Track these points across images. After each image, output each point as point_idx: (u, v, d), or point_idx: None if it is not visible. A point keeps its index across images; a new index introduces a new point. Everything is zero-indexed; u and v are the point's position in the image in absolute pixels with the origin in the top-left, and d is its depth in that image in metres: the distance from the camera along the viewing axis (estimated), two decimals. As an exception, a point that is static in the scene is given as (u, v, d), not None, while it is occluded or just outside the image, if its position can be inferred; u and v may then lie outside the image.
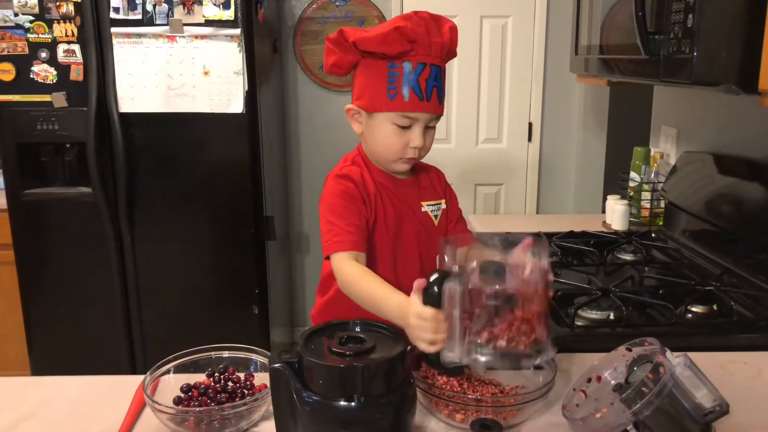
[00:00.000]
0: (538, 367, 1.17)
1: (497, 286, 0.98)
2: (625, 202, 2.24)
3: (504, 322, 0.97)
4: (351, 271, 1.19)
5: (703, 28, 1.25)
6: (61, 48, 2.38)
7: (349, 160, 1.35)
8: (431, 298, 0.98)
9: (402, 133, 1.25)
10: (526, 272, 0.98)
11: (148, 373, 1.15)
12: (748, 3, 1.22)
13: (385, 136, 1.26)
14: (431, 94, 1.23)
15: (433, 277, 0.99)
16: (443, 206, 1.37)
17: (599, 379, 1.06)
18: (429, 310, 0.98)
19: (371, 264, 1.28)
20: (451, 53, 1.28)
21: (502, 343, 0.97)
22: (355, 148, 1.38)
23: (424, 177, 1.39)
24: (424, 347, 1.00)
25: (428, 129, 1.28)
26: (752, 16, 1.20)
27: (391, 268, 1.31)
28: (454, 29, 1.27)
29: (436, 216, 1.36)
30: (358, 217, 1.26)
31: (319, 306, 1.42)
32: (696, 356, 0.97)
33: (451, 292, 0.97)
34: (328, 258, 1.24)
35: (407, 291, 1.08)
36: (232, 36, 2.37)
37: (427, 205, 1.35)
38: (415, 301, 1.00)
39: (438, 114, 1.27)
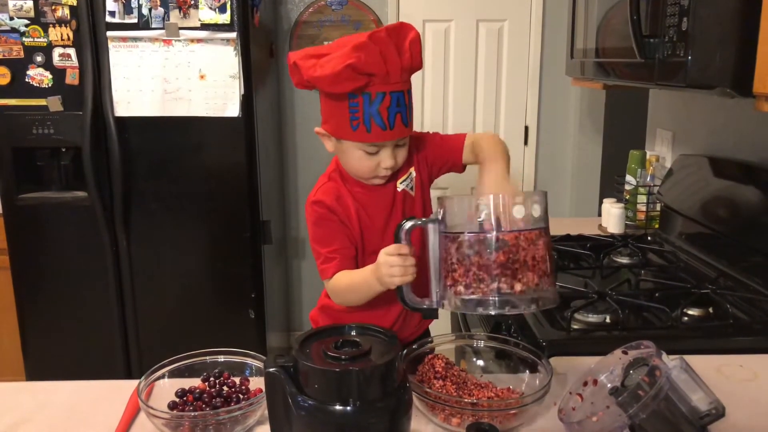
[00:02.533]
0: (533, 371, 1.17)
1: (456, 231, 1.02)
2: (621, 205, 2.25)
3: (461, 267, 1.01)
4: (331, 288, 1.30)
5: (698, 32, 1.25)
6: (56, 52, 2.38)
7: (326, 176, 1.36)
8: (395, 238, 1.11)
9: (371, 157, 1.25)
10: (480, 217, 1.01)
11: (143, 377, 1.14)
12: (742, 6, 1.22)
13: (355, 160, 1.26)
14: (394, 121, 1.19)
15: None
16: (413, 174, 1.36)
17: (595, 382, 1.06)
18: (392, 245, 1.10)
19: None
20: (414, 71, 1.22)
21: (459, 288, 1.02)
22: (332, 160, 1.37)
23: None
24: (389, 281, 1.11)
25: (400, 147, 1.26)
26: (746, 20, 1.20)
27: None
28: (415, 43, 1.20)
29: (411, 188, 1.35)
30: (338, 239, 1.29)
31: (321, 304, 1.45)
32: (692, 359, 0.97)
33: (424, 237, 1.07)
34: None
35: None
36: (228, 40, 2.37)
37: (401, 183, 1.35)
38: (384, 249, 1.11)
39: (404, 136, 1.24)
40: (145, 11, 2.34)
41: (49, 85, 2.40)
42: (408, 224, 1.11)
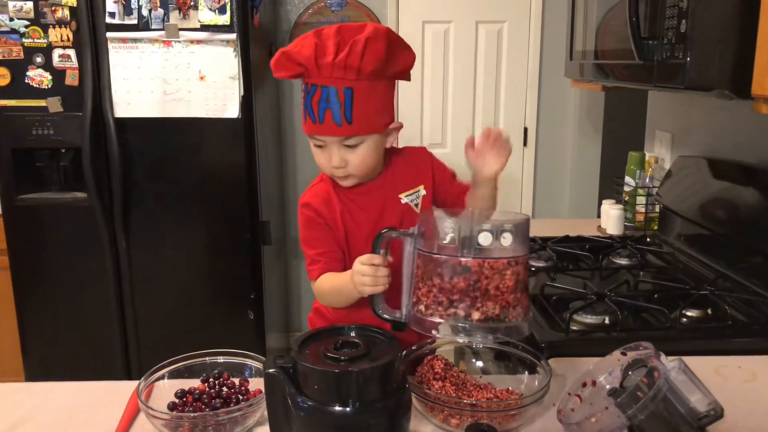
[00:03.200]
0: (532, 372, 1.17)
1: (425, 250, 1.02)
2: (620, 206, 2.25)
3: (425, 287, 1.01)
4: (316, 289, 1.34)
5: (697, 34, 1.25)
6: (56, 53, 2.38)
7: (319, 176, 1.38)
8: (373, 247, 1.12)
9: (321, 152, 1.27)
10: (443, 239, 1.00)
11: (143, 378, 1.14)
12: (740, 8, 1.22)
13: (314, 155, 1.30)
14: (324, 116, 1.20)
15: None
16: (422, 192, 1.36)
17: (594, 383, 1.06)
18: (367, 254, 1.12)
19: None
20: (351, 70, 1.17)
21: (420, 307, 1.02)
22: None
23: (399, 169, 1.36)
24: (361, 289, 1.13)
25: (350, 148, 1.24)
26: (745, 22, 1.21)
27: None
28: (357, 43, 1.15)
29: (416, 204, 1.35)
30: (325, 242, 1.31)
31: (315, 307, 1.46)
32: (691, 360, 0.97)
33: (403, 250, 1.08)
34: None
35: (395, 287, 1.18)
36: (227, 41, 2.37)
37: (405, 196, 1.35)
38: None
39: (341, 136, 1.22)
40: (144, 12, 2.34)
41: (49, 86, 2.40)
42: (385, 234, 1.11)
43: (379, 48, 1.17)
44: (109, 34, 2.36)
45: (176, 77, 2.40)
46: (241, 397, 1.14)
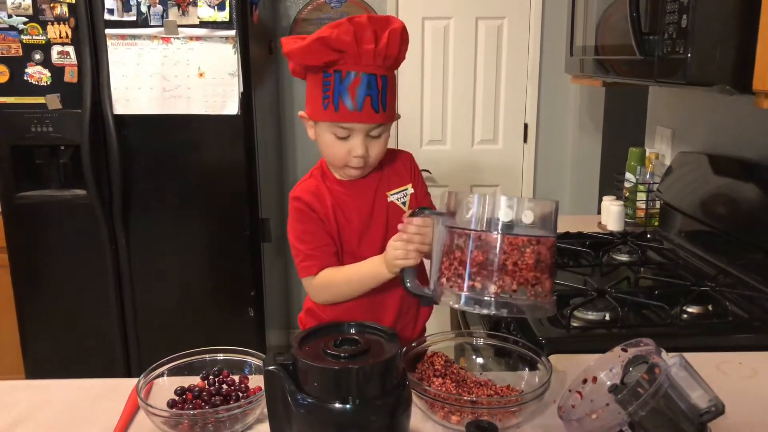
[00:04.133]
0: (532, 369, 1.17)
1: (450, 225, 1.04)
2: (621, 202, 2.25)
3: (447, 261, 1.03)
4: (319, 283, 1.30)
5: (697, 29, 1.25)
6: (55, 50, 2.37)
7: (309, 173, 1.37)
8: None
9: (342, 143, 1.25)
10: (468, 215, 1.02)
11: (142, 375, 1.14)
12: (741, 3, 1.22)
13: (327, 145, 1.27)
14: (362, 103, 1.19)
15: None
16: (410, 191, 1.36)
17: (595, 380, 1.06)
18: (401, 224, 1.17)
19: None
20: (391, 59, 1.21)
21: (443, 280, 1.03)
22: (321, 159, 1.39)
23: (387, 167, 1.37)
24: (394, 263, 1.17)
25: (372, 137, 1.25)
26: (746, 17, 1.20)
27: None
28: (395, 32, 1.20)
29: (404, 203, 1.35)
30: (319, 236, 1.30)
31: (306, 308, 1.45)
32: (691, 357, 0.97)
33: (434, 230, 1.11)
34: None
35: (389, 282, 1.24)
36: (227, 37, 2.37)
37: (392, 194, 1.35)
38: None
39: (376, 123, 1.23)
40: (143, 9, 2.33)
41: (48, 83, 2.40)
42: (417, 212, 1.16)
43: (407, 40, 1.23)
44: (107, 31, 2.35)
45: (175, 74, 2.39)
46: (241, 395, 1.14)
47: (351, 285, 1.29)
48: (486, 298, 0.99)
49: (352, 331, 1.01)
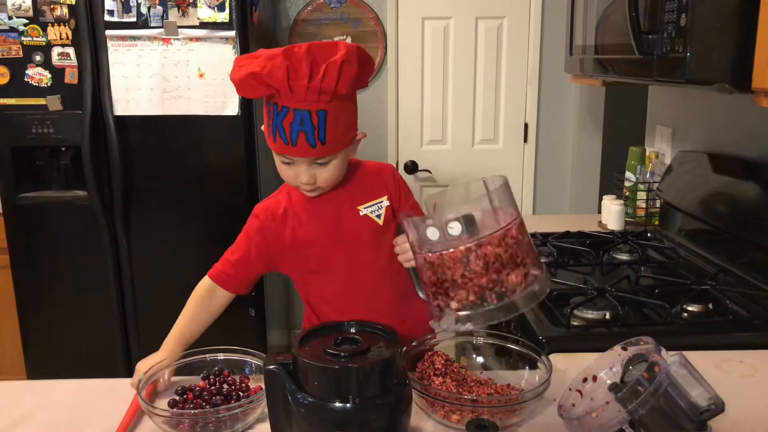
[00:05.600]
0: (533, 367, 1.17)
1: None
2: (621, 202, 2.25)
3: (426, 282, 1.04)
4: (196, 288, 1.40)
5: (696, 28, 1.25)
6: (55, 51, 2.37)
7: (279, 188, 1.40)
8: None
9: (289, 168, 1.24)
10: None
11: (144, 375, 1.14)
12: (740, 2, 1.22)
13: (278, 167, 1.27)
14: (297, 139, 1.15)
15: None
16: (385, 203, 1.34)
17: (595, 378, 1.06)
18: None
19: (326, 283, 1.34)
20: (326, 94, 1.13)
21: (430, 299, 1.05)
22: None
23: (360, 180, 1.35)
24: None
25: (320, 165, 1.22)
26: (745, 15, 1.20)
27: (344, 278, 1.32)
28: (332, 66, 1.12)
29: (378, 216, 1.33)
30: (245, 258, 1.35)
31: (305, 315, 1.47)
32: (692, 355, 0.97)
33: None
34: None
35: (374, 291, 1.31)
36: (227, 38, 2.37)
37: (365, 208, 1.33)
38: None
39: (313, 157, 1.19)
40: (143, 10, 2.34)
41: (48, 85, 2.40)
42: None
43: (353, 69, 1.15)
44: (108, 32, 2.35)
45: (175, 75, 2.39)
46: (241, 394, 1.15)
47: (190, 308, 1.39)
48: (453, 315, 0.99)
49: (353, 330, 1.01)
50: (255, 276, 1.38)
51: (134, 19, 2.34)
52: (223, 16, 2.34)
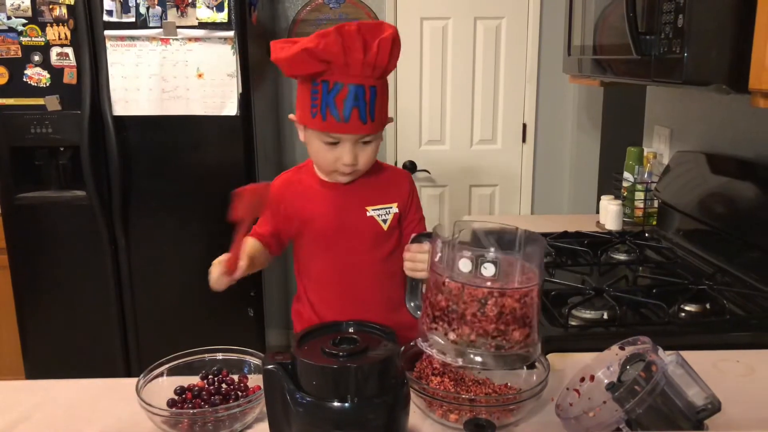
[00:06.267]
0: (530, 367, 1.17)
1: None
2: (619, 202, 2.25)
3: (426, 297, 1.06)
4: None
5: (694, 28, 1.25)
6: (54, 51, 2.38)
7: (296, 167, 1.41)
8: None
9: (331, 150, 1.25)
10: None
11: (142, 375, 1.15)
12: (737, 3, 1.22)
13: (316, 151, 1.27)
14: (350, 115, 1.18)
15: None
16: (394, 210, 1.35)
17: (592, 378, 1.06)
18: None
19: (319, 271, 1.36)
20: (380, 69, 1.19)
21: (424, 317, 1.06)
22: None
23: (375, 181, 1.36)
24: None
25: (363, 144, 1.25)
26: (742, 16, 1.21)
27: (339, 274, 1.34)
28: (385, 41, 1.17)
29: (384, 220, 1.34)
30: (265, 219, 1.35)
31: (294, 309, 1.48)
32: (689, 355, 0.98)
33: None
34: None
35: (360, 291, 1.32)
36: (225, 38, 2.37)
37: (373, 210, 1.34)
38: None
39: (363, 134, 1.23)
40: (142, 10, 2.34)
41: (47, 85, 2.40)
42: (415, 239, 1.22)
43: (398, 47, 1.21)
44: (106, 32, 2.36)
45: (174, 75, 2.40)
46: (240, 394, 1.15)
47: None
48: (446, 344, 1.00)
49: (351, 330, 1.02)
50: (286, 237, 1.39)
51: (133, 20, 2.35)
52: (222, 17, 2.35)
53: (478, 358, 0.99)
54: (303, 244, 1.38)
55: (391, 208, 1.35)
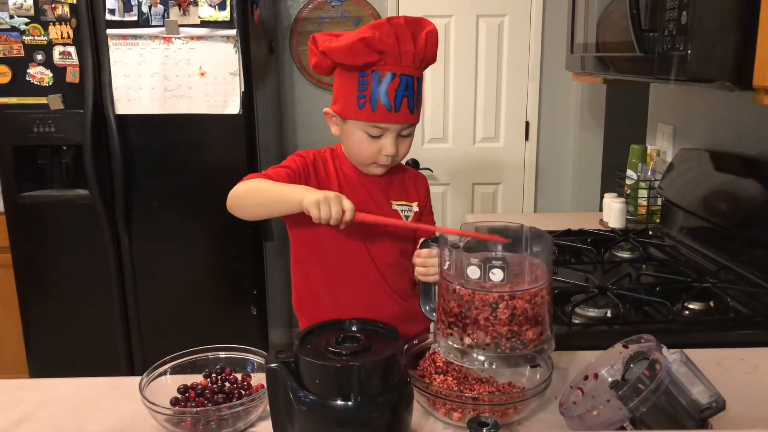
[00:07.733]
0: (534, 365, 1.17)
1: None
2: (622, 199, 2.25)
3: (439, 304, 1.07)
4: (247, 184, 1.33)
5: (697, 25, 1.25)
6: (56, 50, 2.38)
7: (324, 149, 1.38)
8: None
9: (373, 141, 1.26)
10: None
11: (145, 374, 1.15)
12: (741, 0, 1.22)
13: (357, 143, 1.28)
14: (401, 104, 1.21)
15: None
16: (415, 209, 1.38)
17: (596, 376, 1.06)
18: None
19: (337, 257, 1.33)
20: (427, 61, 1.25)
21: (439, 323, 1.07)
22: None
23: (398, 178, 1.39)
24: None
25: (403, 137, 1.28)
26: (746, 13, 1.20)
27: (359, 261, 1.33)
28: (431, 34, 1.23)
29: (407, 216, 1.37)
30: (290, 177, 1.28)
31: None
32: (693, 353, 0.98)
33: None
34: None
35: (375, 279, 1.32)
36: (228, 37, 2.37)
37: (397, 204, 1.36)
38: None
39: (410, 123, 1.26)
40: (144, 9, 2.34)
41: (50, 84, 2.40)
42: (424, 244, 1.21)
43: (436, 40, 1.25)
44: (109, 31, 2.36)
45: (177, 73, 2.40)
46: (243, 392, 1.15)
47: (264, 192, 1.28)
48: (462, 348, 1.01)
49: (354, 328, 1.02)
50: None
51: (135, 18, 2.35)
52: (224, 15, 2.34)
53: (496, 361, 1.00)
54: (323, 230, 1.36)
55: (412, 206, 1.38)
